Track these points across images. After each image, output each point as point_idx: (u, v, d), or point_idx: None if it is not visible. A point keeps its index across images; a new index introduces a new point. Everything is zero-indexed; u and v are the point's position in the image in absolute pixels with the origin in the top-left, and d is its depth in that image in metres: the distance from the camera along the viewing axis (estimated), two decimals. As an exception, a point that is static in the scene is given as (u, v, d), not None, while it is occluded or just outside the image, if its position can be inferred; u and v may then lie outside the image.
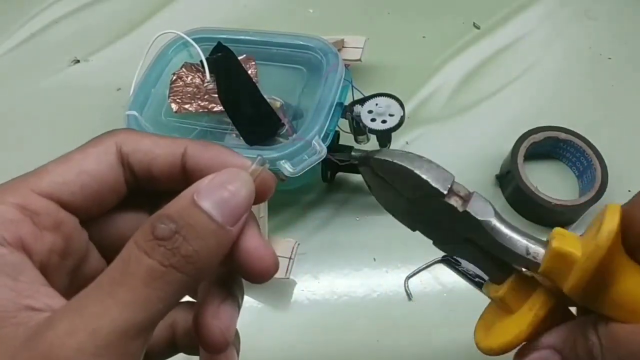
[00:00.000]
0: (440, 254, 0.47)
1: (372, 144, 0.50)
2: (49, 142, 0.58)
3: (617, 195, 0.50)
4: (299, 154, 0.44)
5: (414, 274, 0.48)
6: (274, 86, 0.51)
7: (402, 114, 0.47)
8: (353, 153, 0.50)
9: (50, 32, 0.68)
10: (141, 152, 0.25)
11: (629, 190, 0.52)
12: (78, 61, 0.65)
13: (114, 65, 0.64)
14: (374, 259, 0.49)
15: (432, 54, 0.63)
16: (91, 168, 0.24)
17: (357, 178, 0.53)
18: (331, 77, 0.48)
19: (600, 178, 0.49)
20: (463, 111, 0.59)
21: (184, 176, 0.25)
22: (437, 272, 0.48)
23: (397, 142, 0.55)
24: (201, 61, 0.52)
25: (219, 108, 0.49)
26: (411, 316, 0.46)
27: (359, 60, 0.57)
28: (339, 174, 0.53)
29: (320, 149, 0.44)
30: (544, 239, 0.25)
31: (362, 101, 0.48)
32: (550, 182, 0.52)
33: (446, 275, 0.48)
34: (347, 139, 0.51)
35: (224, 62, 0.51)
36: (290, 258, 0.48)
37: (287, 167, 0.44)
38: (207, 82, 0.51)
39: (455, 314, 0.45)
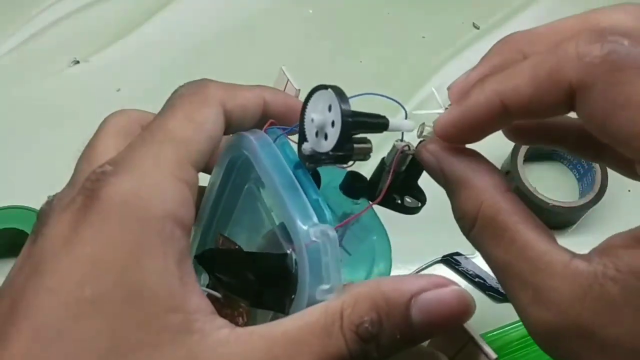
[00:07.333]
0: (440, 254, 0.47)
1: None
2: (49, 143, 0.58)
3: (617, 197, 0.50)
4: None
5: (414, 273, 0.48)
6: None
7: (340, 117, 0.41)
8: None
9: (50, 32, 0.68)
10: (239, 108, 0.25)
11: (629, 190, 0.52)
12: (78, 62, 0.65)
13: (114, 66, 0.64)
14: (374, 260, 0.49)
15: (432, 54, 0.63)
16: (215, 134, 0.23)
17: (357, 179, 0.53)
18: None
19: (600, 181, 0.49)
20: (463, 111, 0.59)
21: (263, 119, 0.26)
22: (436, 272, 0.48)
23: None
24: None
25: None
26: (411, 317, 0.46)
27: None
28: (339, 174, 0.53)
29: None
30: None
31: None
32: (551, 183, 0.53)
33: (446, 275, 0.47)
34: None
35: (213, 259, 0.46)
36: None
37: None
38: None
39: (455, 314, 0.45)
